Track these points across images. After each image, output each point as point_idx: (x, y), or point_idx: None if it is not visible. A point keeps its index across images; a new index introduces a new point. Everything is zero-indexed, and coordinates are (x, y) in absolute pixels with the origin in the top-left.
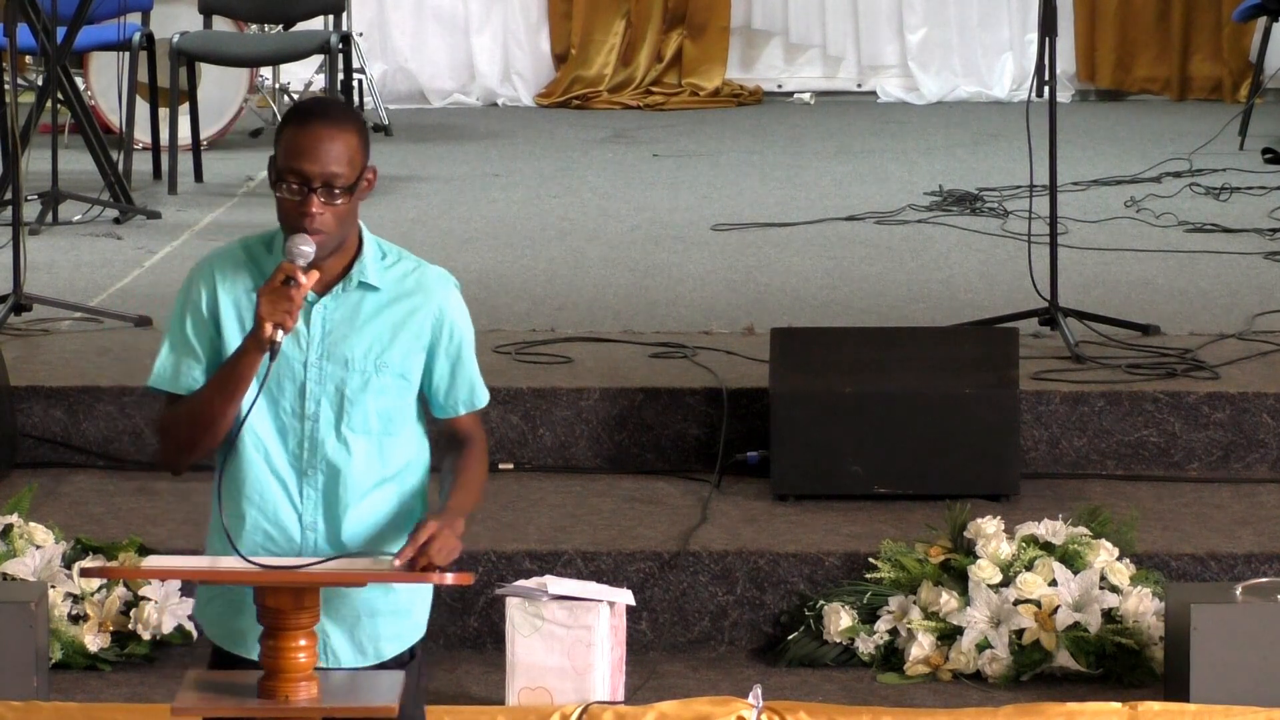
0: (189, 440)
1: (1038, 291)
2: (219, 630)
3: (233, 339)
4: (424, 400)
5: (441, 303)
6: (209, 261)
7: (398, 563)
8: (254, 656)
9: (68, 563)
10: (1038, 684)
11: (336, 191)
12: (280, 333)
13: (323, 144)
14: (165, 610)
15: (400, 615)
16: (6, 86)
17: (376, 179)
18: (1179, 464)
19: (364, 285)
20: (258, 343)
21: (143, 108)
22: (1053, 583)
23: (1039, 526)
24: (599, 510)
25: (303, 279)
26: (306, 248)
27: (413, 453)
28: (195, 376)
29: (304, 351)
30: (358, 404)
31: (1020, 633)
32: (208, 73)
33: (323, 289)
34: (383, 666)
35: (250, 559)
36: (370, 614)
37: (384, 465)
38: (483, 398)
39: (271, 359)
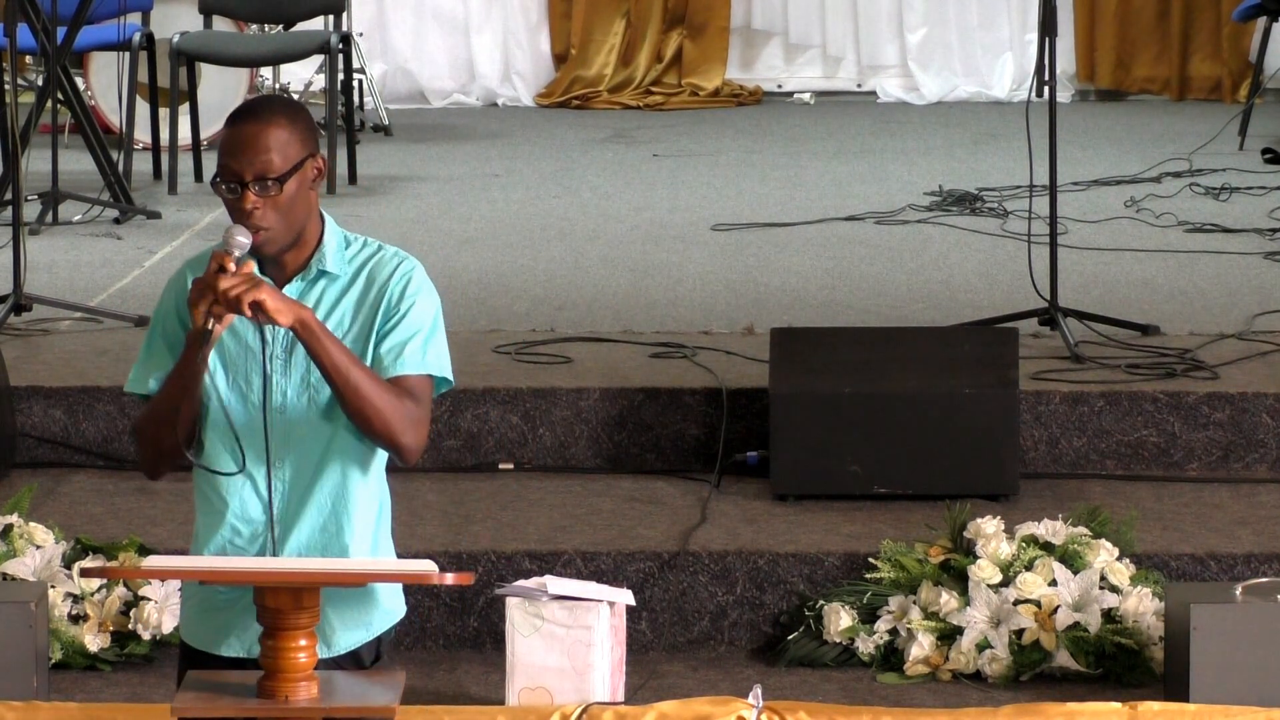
0: (155, 439)
1: (1037, 291)
2: (190, 628)
3: None
4: None
5: (392, 274)
6: (183, 267)
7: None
8: (223, 653)
9: (68, 563)
10: (1038, 684)
11: (270, 184)
12: (213, 323)
13: (248, 140)
14: (165, 610)
15: (360, 599)
16: (6, 86)
17: (326, 167)
18: (1178, 464)
19: (324, 274)
20: (194, 335)
21: (143, 108)
22: (1053, 583)
23: (1039, 526)
24: (599, 510)
25: (233, 268)
26: (242, 238)
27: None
28: (163, 380)
29: (269, 344)
30: (324, 393)
31: (1020, 633)
32: (208, 73)
33: (284, 281)
34: (343, 660)
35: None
36: (334, 607)
37: (351, 454)
38: (407, 366)
39: (206, 349)
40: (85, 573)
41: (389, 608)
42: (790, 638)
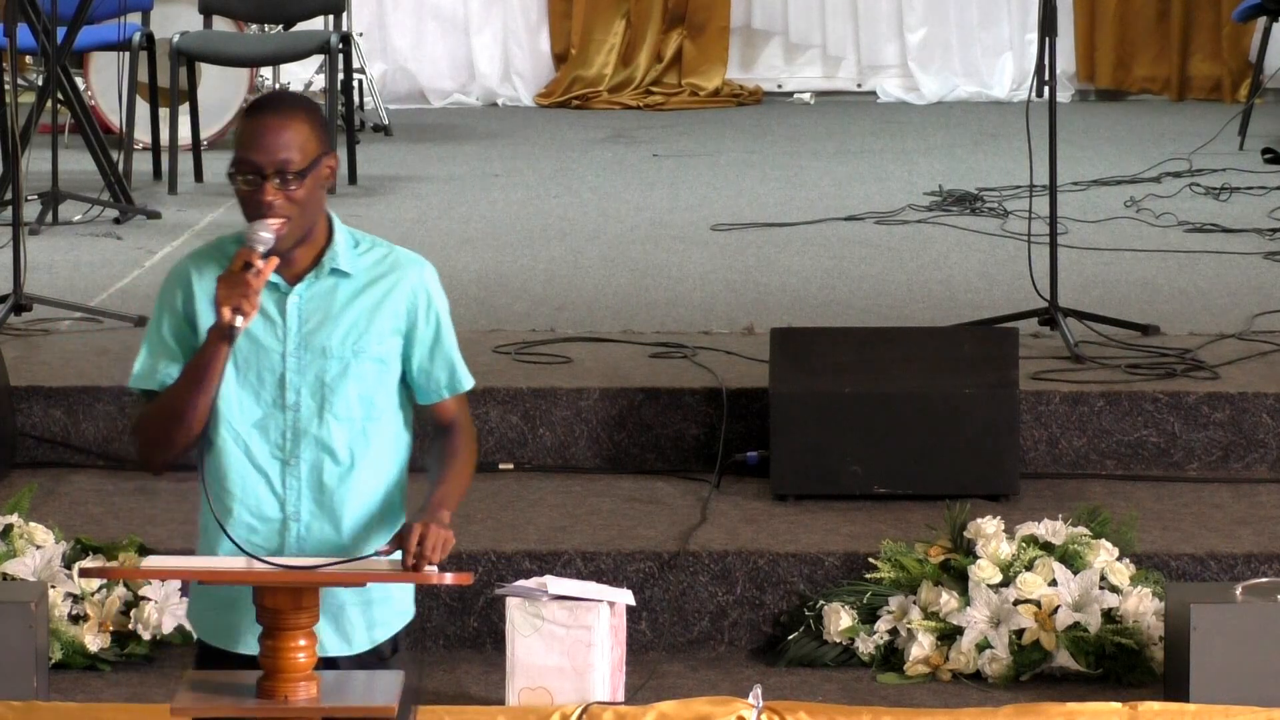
0: (163, 436)
1: (1038, 291)
2: (207, 626)
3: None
4: (407, 387)
5: (415, 284)
6: (185, 261)
7: (383, 557)
8: (242, 650)
9: (68, 563)
10: (1038, 684)
11: (290, 178)
12: (240, 319)
13: (271, 133)
14: (165, 610)
15: (381, 602)
16: (6, 86)
17: (338, 166)
18: (1179, 464)
19: (336, 272)
20: (219, 331)
21: (143, 108)
22: (1053, 583)
23: (1039, 526)
24: (599, 510)
25: (259, 264)
26: (265, 234)
27: (394, 438)
28: (172, 375)
29: (281, 342)
30: (338, 391)
31: (1020, 633)
32: (208, 73)
33: (295, 279)
34: (366, 656)
35: (255, 555)
36: (353, 603)
37: (369, 451)
38: (465, 381)
39: (229, 345)
40: (85, 573)
41: (401, 608)
42: (790, 638)
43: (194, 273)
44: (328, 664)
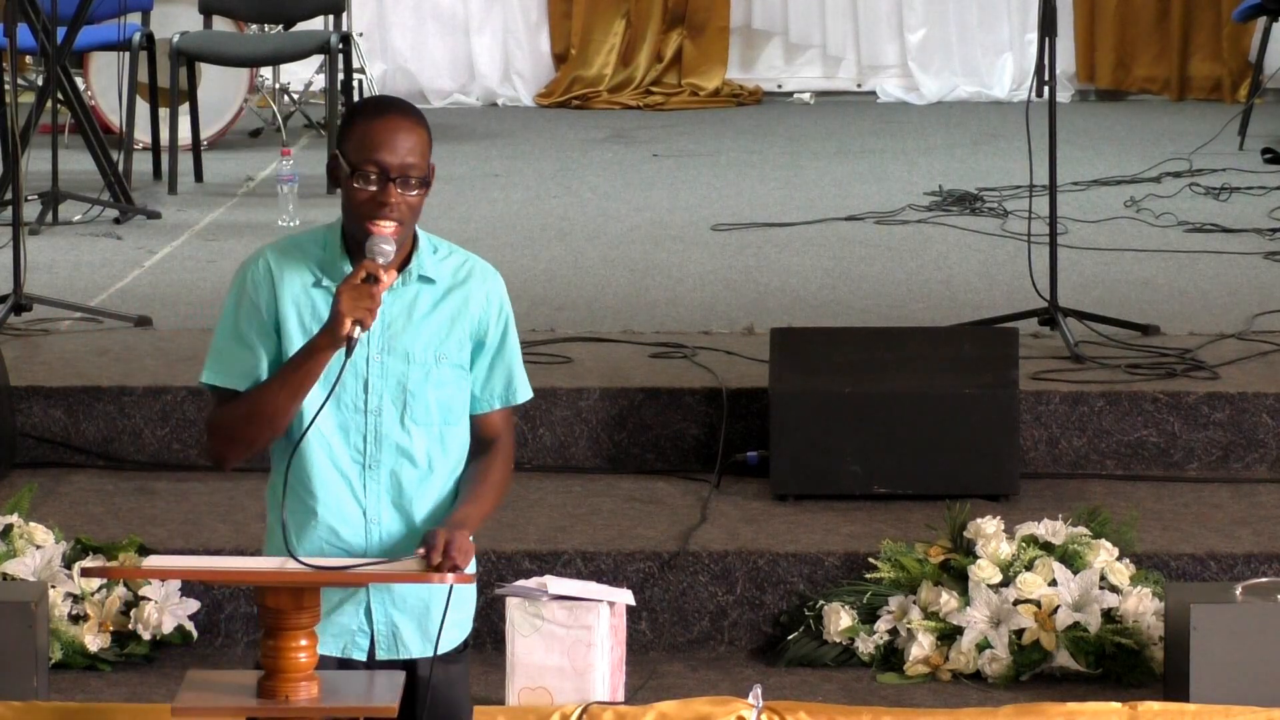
0: (248, 436)
1: (1037, 291)
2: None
3: (292, 334)
4: None
5: (489, 293)
6: (263, 257)
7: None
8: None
9: (68, 563)
10: (1038, 684)
11: (413, 183)
12: (359, 329)
13: (400, 135)
14: (165, 610)
15: (461, 605)
16: (6, 86)
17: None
18: (1178, 464)
19: (422, 278)
20: (333, 339)
21: (143, 108)
22: (1052, 583)
23: (1039, 526)
24: (599, 510)
25: (384, 277)
26: (387, 246)
27: (466, 443)
28: (256, 373)
29: (365, 346)
30: (419, 396)
31: (1020, 633)
32: (208, 73)
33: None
34: (449, 654)
35: (304, 560)
36: (438, 605)
37: (445, 456)
38: (521, 393)
39: (348, 355)
40: (85, 573)
41: (470, 610)
42: (790, 638)
43: (275, 269)
44: (407, 665)
